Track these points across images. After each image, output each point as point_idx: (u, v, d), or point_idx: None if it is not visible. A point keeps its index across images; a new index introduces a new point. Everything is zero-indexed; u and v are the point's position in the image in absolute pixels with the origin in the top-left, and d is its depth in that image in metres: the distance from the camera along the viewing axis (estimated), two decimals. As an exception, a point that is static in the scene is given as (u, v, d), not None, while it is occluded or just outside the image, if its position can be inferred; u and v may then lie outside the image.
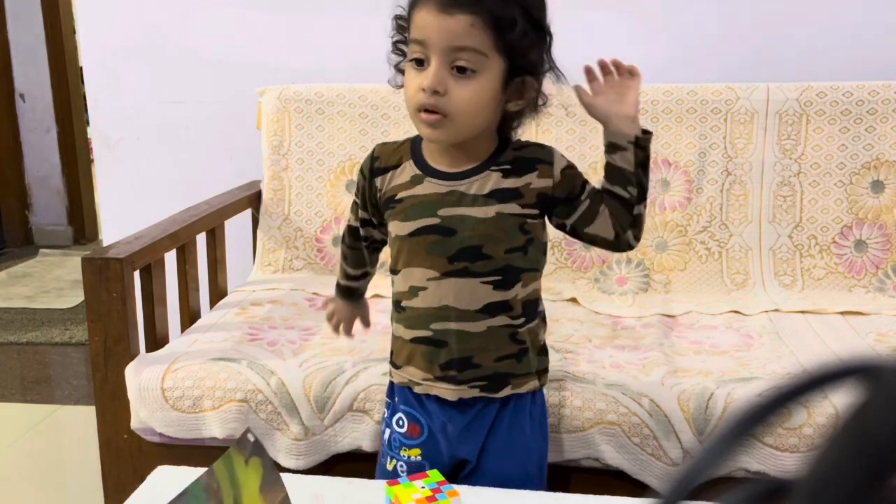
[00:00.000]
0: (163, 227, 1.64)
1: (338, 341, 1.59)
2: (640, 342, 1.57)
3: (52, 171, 4.34)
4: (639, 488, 1.32)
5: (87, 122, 2.76)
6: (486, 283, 1.08)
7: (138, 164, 2.31)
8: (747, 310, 1.72)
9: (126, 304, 1.44)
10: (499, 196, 1.07)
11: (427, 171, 1.09)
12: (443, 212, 1.07)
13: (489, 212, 1.06)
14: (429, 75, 0.99)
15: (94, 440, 1.50)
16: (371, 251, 1.25)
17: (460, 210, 1.07)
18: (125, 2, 2.23)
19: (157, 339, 1.57)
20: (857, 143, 1.83)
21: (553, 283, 1.85)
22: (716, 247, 1.86)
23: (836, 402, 1.28)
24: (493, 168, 1.08)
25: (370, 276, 1.30)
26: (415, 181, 1.09)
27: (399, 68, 1.09)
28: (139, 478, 1.12)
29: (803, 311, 1.71)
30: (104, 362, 1.45)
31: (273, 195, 2.01)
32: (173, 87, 2.25)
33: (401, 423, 1.18)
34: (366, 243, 1.23)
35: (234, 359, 1.46)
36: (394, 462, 1.19)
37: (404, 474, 1.17)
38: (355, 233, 1.23)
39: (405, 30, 1.05)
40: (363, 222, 1.20)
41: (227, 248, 1.93)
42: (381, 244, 1.23)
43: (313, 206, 1.99)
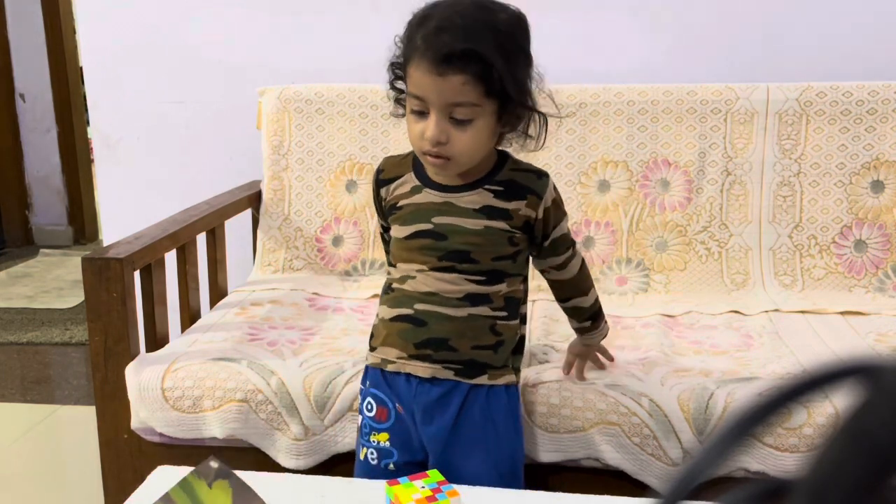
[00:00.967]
0: (163, 227, 1.64)
1: (338, 341, 1.59)
2: (640, 342, 1.57)
3: (52, 171, 4.33)
4: (639, 488, 1.32)
5: (87, 122, 2.76)
6: (469, 279, 1.16)
7: (138, 164, 2.31)
8: (747, 310, 1.72)
9: (126, 304, 1.44)
10: (488, 213, 1.16)
11: (425, 182, 1.19)
12: (436, 219, 1.17)
13: (478, 224, 1.16)
14: (430, 127, 1.08)
15: (94, 440, 1.50)
16: None
17: (452, 219, 1.16)
18: (125, 2, 2.23)
19: (157, 339, 1.57)
20: (857, 143, 1.83)
21: (553, 283, 1.85)
22: (716, 247, 1.86)
23: (836, 402, 1.28)
24: (486, 187, 1.16)
25: None
26: (414, 191, 1.19)
27: (399, 101, 1.17)
28: (139, 478, 1.12)
29: (803, 311, 1.71)
30: (104, 362, 1.45)
31: (273, 195, 2.01)
32: (173, 87, 2.25)
33: (370, 406, 1.22)
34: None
35: (235, 359, 1.46)
36: (365, 450, 1.22)
37: (374, 461, 1.20)
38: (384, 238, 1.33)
39: (401, 77, 1.13)
40: (384, 228, 1.30)
41: (227, 248, 1.93)
42: None
43: (313, 206, 1.99)
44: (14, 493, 1.97)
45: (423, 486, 1.01)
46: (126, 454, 1.48)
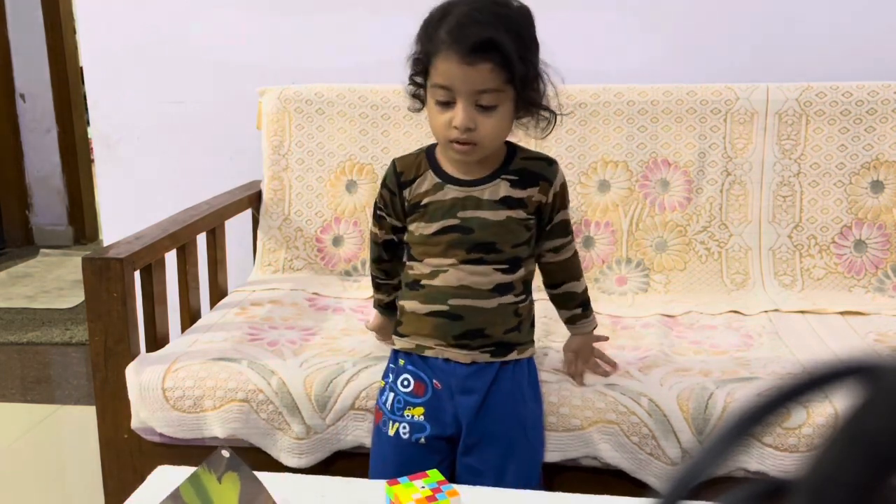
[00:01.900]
0: (163, 227, 1.64)
1: (338, 341, 1.59)
2: (639, 342, 1.57)
3: (53, 171, 4.33)
4: (638, 487, 1.32)
5: (88, 122, 2.76)
6: (497, 269, 1.24)
7: (138, 164, 2.31)
8: (747, 310, 1.72)
9: (126, 304, 1.44)
10: (508, 203, 1.24)
11: (446, 178, 1.25)
12: (462, 214, 1.23)
13: (500, 215, 1.23)
14: (459, 115, 1.15)
15: (94, 440, 1.50)
16: (400, 258, 1.37)
17: (477, 213, 1.23)
18: (125, 2, 2.23)
19: (157, 339, 1.57)
20: (857, 143, 1.83)
21: (553, 283, 1.85)
22: (715, 247, 1.86)
23: (835, 402, 1.29)
24: (503, 176, 1.24)
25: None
26: (436, 188, 1.25)
27: (416, 96, 1.24)
28: (139, 478, 1.13)
29: (803, 311, 1.71)
30: (104, 362, 1.45)
31: (273, 195, 2.01)
32: (173, 87, 2.25)
33: (406, 382, 1.28)
34: (399, 252, 1.36)
35: (235, 359, 1.46)
36: (396, 425, 1.27)
37: (406, 435, 1.26)
38: (393, 246, 1.35)
39: (424, 72, 1.20)
40: (395, 230, 1.33)
41: (227, 248, 1.93)
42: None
43: (313, 207, 1.99)
44: (14, 493, 1.97)
45: (423, 486, 1.01)
46: (126, 454, 1.48)
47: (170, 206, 1.88)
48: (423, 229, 1.25)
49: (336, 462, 1.41)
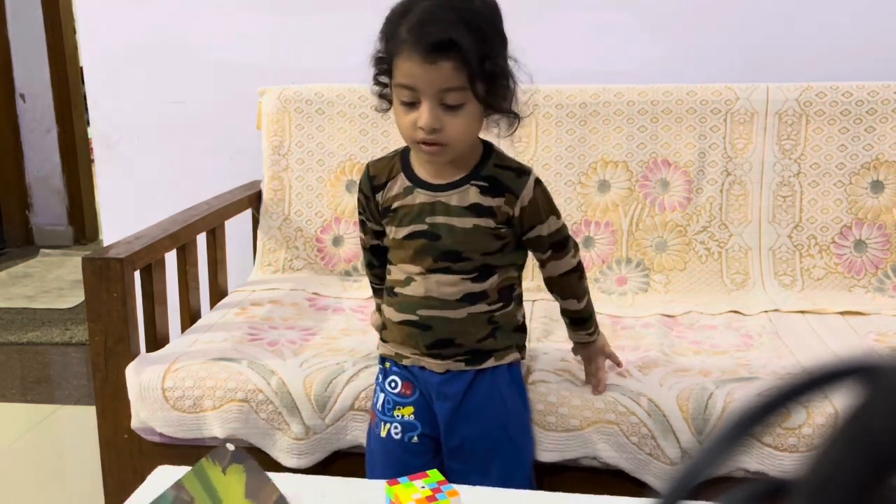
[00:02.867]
0: (163, 227, 1.64)
1: (338, 341, 1.59)
2: (639, 342, 1.57)
3: (53, 171, 4.33)
4: (638, 487, 1.32)
5: (88, 122, 2.76)
6: (465, 278, 1.21)
7: (138, 164, 2.31)
8: (747, 310, 1.72)
9: (126, 304, 1.44)
10: (476, 210, 1.19)
11: (416, 182, 1.22)
12: (430, 220, 1.20)
13: (467, 223, 1.19)
14: (424, 115, 1.11)
15: (94, 440, 1.50)
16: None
17: (444, 219, 1.20)
18: (125, 2, 2.23)
19: (157, 339, 1.57)
20: (857, 143, 1.83)
21: (553, 283, 1.85)
22: (715, 247, 1.86)
23: (835, 402, 1.28)
24: (473, 182, 1.20)
25: None
26: (406, 192, 1.22)
27: (383, 96, 1.20)
28: (139, 478, 1.13)
29: (803, 311, 1.71)
30: (104, 362, 1.45)
31: (273, 195, 2.01)
32: (173, 87, 2.25)
33: (394, 384, 1.28)
34: (383, 256, 1.32)
35: (235, 359, 1.46)
36: (387, 426, 1.27)
37: (398, 435, 1.26)
38: (381, 251, 1.31)
39: (388, 72, 1.16)
40: (377, 234, 1.30)
41: (227, 248, 1.93)
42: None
43: (313, 207, 1.99)
44: (14, 493, 1.97)
45: (423, 486, 1.01)
46: (126, 454, 1.48)
47: (170, 206, 1.88)
48: (395, 233, 1.23)
49: (335, 462, 1.41)
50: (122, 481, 1.47)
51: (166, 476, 1.07)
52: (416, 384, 1.27)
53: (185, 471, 1.01)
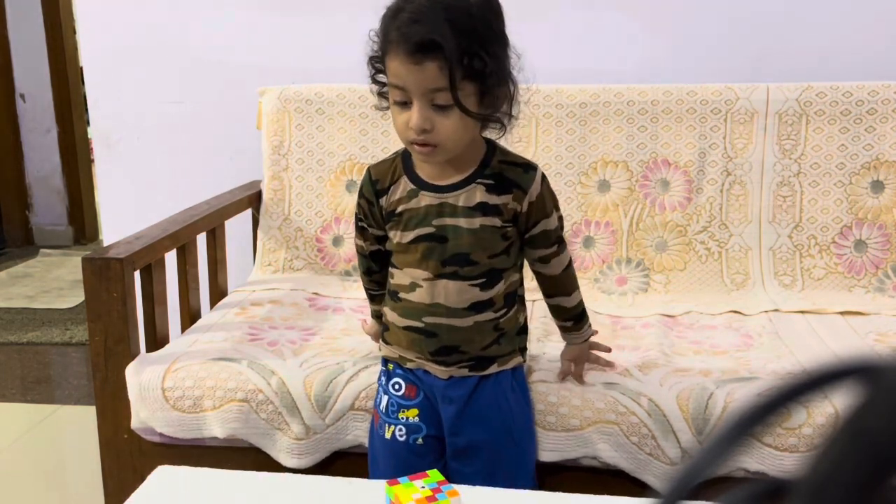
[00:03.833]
0: (163, 227, 1.64)
1: (338, 341, 1.59)
2: (639, 342, 1.57)
3: (53, 171, 4.33)
4: (638, 487, 1.32)
5: (88, 122, 2.76)
6: (473, 285, 1.20)
7: (138, 164, 2.31)
8: (747, 310, 1.72)
9: (126, 304, 1.44)
10: (483, 209, 1.18)
11: (421, 185, 1.20)
12: (437, 222, 1.19)
13: (475, 223, 1.18)
14: (413, 116, 1.09)
15: (94, 440, 1.50)
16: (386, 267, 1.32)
17: (451, 220, 1.18)
18: (125, 2, 2.23)
19: (157, 339, 1.57)
20: (857, 143, 1.83)
21: (553, 283, 1.85)
22: (715, 247, 1.86)
23: (835, 402, 1.28)
24: (478, 181, 1.18)
25: None
26: (411, 195, 1.20)
27: (382, 94, 1.18)
28: (139, 478, 1.12)
29: (803, 311, 1.71)
30: (104, 362, 1.45)
31: (273, 195, 2.01)
32: (173, 87, 2.25)
33: (397, 386, 1.27)
34: (384, 261, 1.30)
35: (235, 359, 1.46)
36: (392, 428, 1.27)
37: (402, 437, 1.26)
38: (382, 256, 1.30)
39: (381, 71, 1.15)
40: (379, 239, 1.28)
41: (227, 248, 1.93)
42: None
43: (313, 207, 1.99)
44: (14, 493, 1.97)
45: (423, 486, 1.01)
46: (126, 454, 1.48)
47: (170, 206, 1.88)
48: (401, 237, 1.21)
49: (335, 462, 1.41)
50: (122, 481, 1.47)
51: (166, 476, 1.07)
52: (421, 386, 1.26)
53: (185, 471, 1.01)
